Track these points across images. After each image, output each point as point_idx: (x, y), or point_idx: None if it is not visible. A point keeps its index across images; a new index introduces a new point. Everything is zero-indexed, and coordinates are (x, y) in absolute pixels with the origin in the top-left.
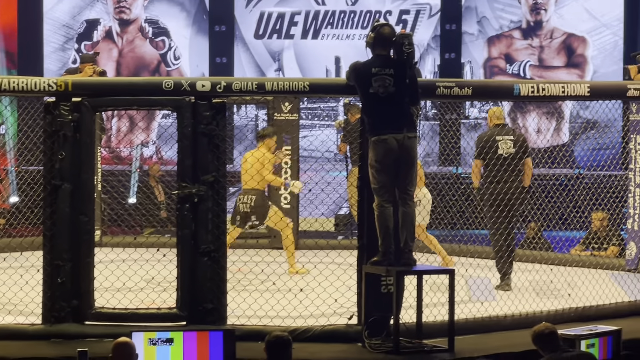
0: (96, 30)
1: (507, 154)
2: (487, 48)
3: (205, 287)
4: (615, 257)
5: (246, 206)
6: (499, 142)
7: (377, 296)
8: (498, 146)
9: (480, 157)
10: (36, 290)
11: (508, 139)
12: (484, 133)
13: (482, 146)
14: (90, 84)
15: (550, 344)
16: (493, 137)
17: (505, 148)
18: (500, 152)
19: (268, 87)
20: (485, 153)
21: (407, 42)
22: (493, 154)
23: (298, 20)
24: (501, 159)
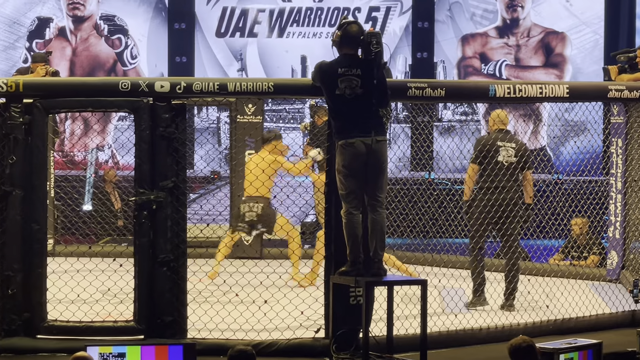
0: (48, 27)
1: (507, 162)
2: (461, 47)
3: (165, 299)
4: (596, 267)
5: (252, 214)
6: (500, 148)
7: (345, 308)
8: (499, 152)
9: (477, 162)
10: None
11: (510, 146)
12: (484, 136)
13: (480, 150)
14: (42, 84)
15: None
16: (494, 142)
17: (506, 155)
18: (501, 159)
19: (230, 88)
20: (484, 157)
21: (376, 41)
22: (491, 159)
23: (262, 17)
24: (499, 165)
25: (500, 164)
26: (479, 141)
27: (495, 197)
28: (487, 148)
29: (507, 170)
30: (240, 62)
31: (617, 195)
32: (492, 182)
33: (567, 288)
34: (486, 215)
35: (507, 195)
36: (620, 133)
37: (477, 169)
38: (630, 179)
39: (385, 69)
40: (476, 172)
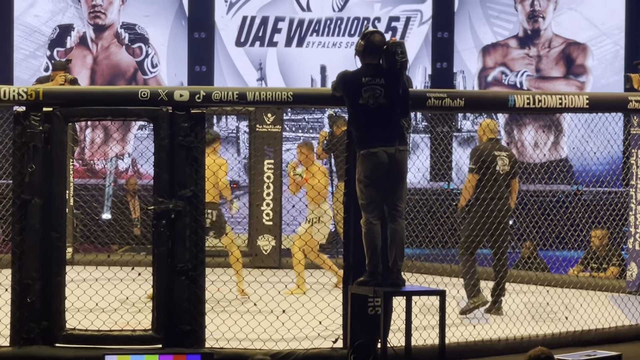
0: (69, 36)
1: (503, 171)
2: (481, 57)
3: (183, 308)
4: (615, 279)
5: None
6: (497, 157)
7: (363, 318)
8: (496, 162)
9: (478, 172)
10: (4, 311)
11: (504, 155)
12: (479, 147)
13: (482, 160)
14: (62, 93)
15: None
16: (491, 152)
17: (502, 165)
18: (498, 168)
19: (250, 98)
20: (486, 168)
21: (400, 50)
22: (492, 169)
23: (282, 27)
24: (495, 174)
25: (497, 174)
26: (476, 151)
27: (492, 207)
28: (485, 158)
29: (502, 180)
30: (259, 71)
31: (637, 206)
32: (489, 192)
33: (586, 299)
34: (482, 224)
35: (503, 204)
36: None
37: (476, 179)
38: None
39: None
40: (475, 182)
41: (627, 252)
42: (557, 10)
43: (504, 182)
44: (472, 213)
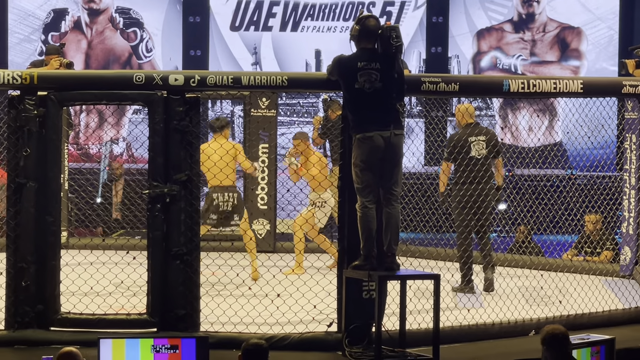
0: (64, 20)
1: (479, 155)
2: (476, 42)
3: (177, 292)
4: (609, 263)
5: (227, 205)
6: (472, 143)
7: (358, 302)
8: (471, 148)
9: (450, 160)
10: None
11: (481, 139)
12: (455, 133)
13: (454, 146)
14: (57, 77)
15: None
16: (467, 139)
17: (478, 149)
18: (473, 154)
19: (244, 82)
20: (457, 153)
21: (395, 34)
22: (465, 155)
23: (277, 11)
24: (473, 160)
25: (474, 160)
26: (451, 138)
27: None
28: (460, 145)
29: (481, 165)
30: (254, 55)
31: (630, 191)
32: (467, 177)
33: (580, 284)
34: (465, 207)
35: (481, 187)
36: (635, 129)
37: (450, 166)
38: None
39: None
40: (449, 170)
41: (620, 236)
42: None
43: (482, 167)
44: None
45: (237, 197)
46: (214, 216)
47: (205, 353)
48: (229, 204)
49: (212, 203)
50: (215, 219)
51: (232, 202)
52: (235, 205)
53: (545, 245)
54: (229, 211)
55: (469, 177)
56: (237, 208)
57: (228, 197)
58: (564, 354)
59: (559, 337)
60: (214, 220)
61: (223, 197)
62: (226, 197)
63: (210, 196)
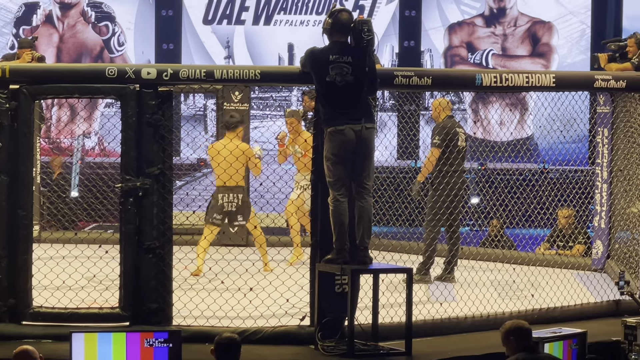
0: (35, 14)
1: (462, 146)
2: (448, 36)
3: (150, 286)
4: (581, 256)
5: (232, 205)
6: (460, 133)
7: (331, 296)
8: (459, 138)
9: (441, 147)
10: None
11: (462, 131)
12: (447, 121)
13: (446, 133)
14: (29, 70)
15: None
16: (455, 129)
17: (462, 140)
18: (460, 144)
19: (217, 76)
20: (450, 141)
21: (367, 28)
22: (455, 144)
23: (249, 4)
24: (457, 149)
25: (459, 149)
26: (444, 128)
27: (455, 180)
28: (452, 132)
29: (461, 157)
30: (227, 49)
31: (602, 184)
32: (452, 165)
33: (552, 277)
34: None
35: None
36: (607, 123)
37: (439, 153)
38: (616, 169)
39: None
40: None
41: (592, 230)
42: None
43: (463, 159)
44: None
45: (242, 197)
46: (218, 216)
47: (178, 347)
48: (233, 204)
49: (217, 203)
50: (220, 218)
51: (237, 202)
52: (240, 206)
53: (518, 239)
54: (233, 211)
55: (453, 166)
56: (242, 208)
57: (232, 197)
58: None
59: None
60: (218, 220)
61: (228, 198)
62: (231, 197)
63: (216, 196)
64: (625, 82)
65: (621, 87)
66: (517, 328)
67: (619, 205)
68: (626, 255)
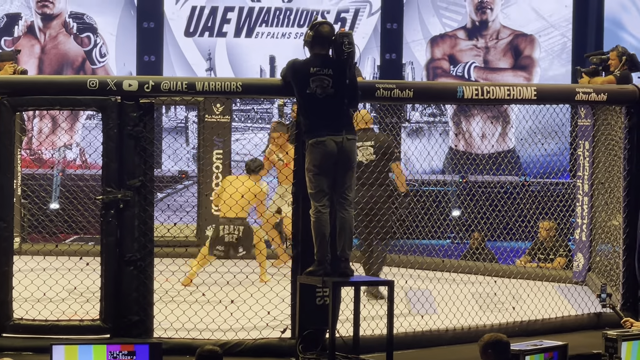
0: (17, 25)
1: (367, 160)
2: (430, 48)
3: (131, 298)
4: (562, 269)
5: (232, 237)
6: (359, 148)
7: (312, 308)
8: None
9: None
10: None
11: (369, 144)
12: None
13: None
14: (10, 82)
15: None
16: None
17: (366, 155)
18: (360, 159)
19: (199, 88)
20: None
21: (348, 41)
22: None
23: (231, 17)
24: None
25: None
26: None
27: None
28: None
29: (367, 168)
30: (208, 61)
31: (583, 197)
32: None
33: (533, 290)
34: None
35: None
36: (587, 136)
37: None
38: (597, 182)
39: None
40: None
41: (573, 242)
42: (505, 1)
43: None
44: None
45: (242, 229)
46: (220, 248)
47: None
48: (234, 236)
49: (217, 235)
50: (222, 250)
51: (238, 234)
52: (240, 237)
53: (499, 252)
54: (235, 243)
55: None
56: (243, 240)
57: (233, 229)
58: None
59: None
60: (221, 252)
61: (228, 229)
62: (231, 229)
63: (217, 227)
64: (606, 95)
65: (602, 99)
66: (495, 341)
67: (600, 217)
68: (607, 267)
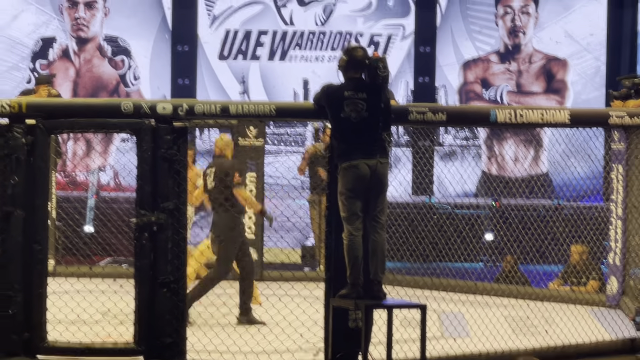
0: (52, 48)
1: (210, 186)
2: (462, 72)
3: (164, 320)
4: (596, 293)
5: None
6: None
7: (344, 331)
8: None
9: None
10: None
11: (211, 171)
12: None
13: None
14: (45, 105)
15: None
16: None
17: (209, 181)
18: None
19: (232, 111)
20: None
21: (382, 65)
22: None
23: (265, 40)
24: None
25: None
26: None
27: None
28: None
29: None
30: (242, 84)
31: (617, 221)
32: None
33: (566, 313)
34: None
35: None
36: (621, 159)
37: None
38: (631, 205)
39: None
40: None
41: (607, 266)
42: (537, 25)
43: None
44: None
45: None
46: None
47: None
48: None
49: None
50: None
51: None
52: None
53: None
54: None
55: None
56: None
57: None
58: None
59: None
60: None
61: None
62: None
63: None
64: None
65: (635, 123)
66: None
67: (634, 241)
68: None
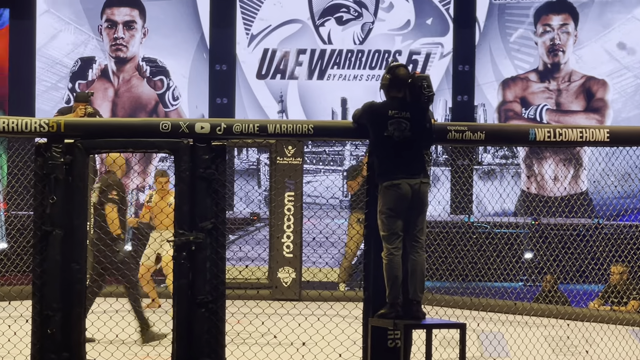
0: (91, 68)
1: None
2: (501, 91)
3: (203, 340)
4: (636, 312)
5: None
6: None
7: (383, 351)
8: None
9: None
10: (25, 342)
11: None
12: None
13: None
14: (83, 124)
15: None
16: None
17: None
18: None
19: (270, 130)
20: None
21: (427, 84)
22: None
23: (303, 59)
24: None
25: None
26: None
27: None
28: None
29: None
30: (280, 103)
31: None
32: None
33: (607, 333)
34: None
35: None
36: None
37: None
38: None
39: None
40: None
41: None
42: (577, 44)
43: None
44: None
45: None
46: None
47: None
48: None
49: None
50: None
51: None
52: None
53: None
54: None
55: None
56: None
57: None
58: None
59: None
60: None
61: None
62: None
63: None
64: None
65: None
66: None
67: None
68: None
